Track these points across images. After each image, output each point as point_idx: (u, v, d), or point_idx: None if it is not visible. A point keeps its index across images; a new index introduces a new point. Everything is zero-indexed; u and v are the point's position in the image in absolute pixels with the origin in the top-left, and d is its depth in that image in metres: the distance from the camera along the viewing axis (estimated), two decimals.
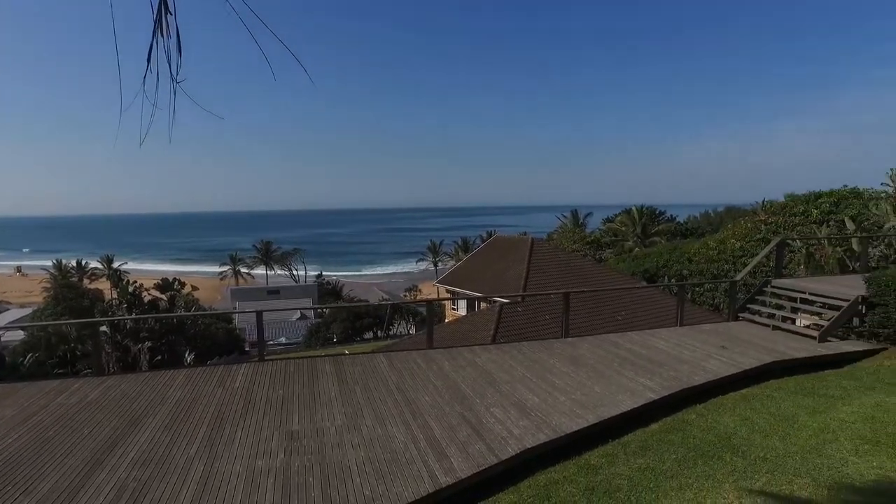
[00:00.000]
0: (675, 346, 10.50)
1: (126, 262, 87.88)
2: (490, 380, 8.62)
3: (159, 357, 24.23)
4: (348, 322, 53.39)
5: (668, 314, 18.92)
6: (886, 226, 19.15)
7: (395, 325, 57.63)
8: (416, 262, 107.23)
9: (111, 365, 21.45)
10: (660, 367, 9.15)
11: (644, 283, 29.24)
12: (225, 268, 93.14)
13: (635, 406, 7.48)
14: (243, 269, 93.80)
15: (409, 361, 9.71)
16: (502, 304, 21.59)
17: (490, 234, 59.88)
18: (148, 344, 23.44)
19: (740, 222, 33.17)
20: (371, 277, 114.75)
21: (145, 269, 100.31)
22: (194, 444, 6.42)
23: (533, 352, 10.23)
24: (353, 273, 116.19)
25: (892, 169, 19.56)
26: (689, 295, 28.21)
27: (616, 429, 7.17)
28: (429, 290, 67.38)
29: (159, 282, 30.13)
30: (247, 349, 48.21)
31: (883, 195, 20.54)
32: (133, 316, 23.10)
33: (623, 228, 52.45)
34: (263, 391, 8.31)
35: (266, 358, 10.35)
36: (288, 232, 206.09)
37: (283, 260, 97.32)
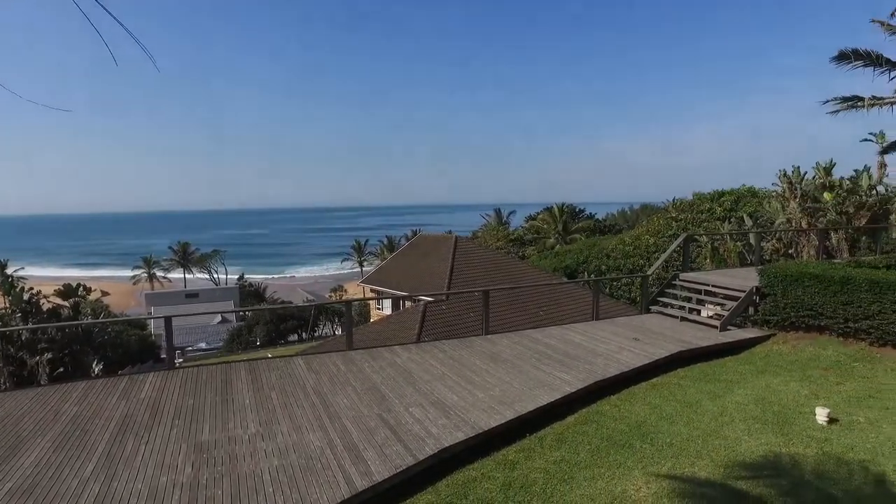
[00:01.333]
0: (591, 339, 10.87)
1: (23, 268, 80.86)
2: (410, 379, 8.58)
3: (61, 369, 22.47)
4: (272, 325, 51.75)
5: (587, 308, 19.58)
6: (777, 222, 20.74)
7: (321, 326, 56.51)
8: (342, 261, 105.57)
9: (2, 381, 19.69)
10: (576, 360, 9.43)
11: (564, 279, 30.19)
12: (138, 271, 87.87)
13: (552, 400, 7.65)
14: (159, 273, 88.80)
15: (328, 364, 9.51)
16: (426, 303, 21.62)
17: (415, 233, 59.87)
18: (48, 356, 21.66)
19: (653, 219, 34.95)
20: (296, 279, 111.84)
21: (47, 276, 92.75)
22: (90, 464, 5.96)
23: (453, 350, 10.28)
24: (277, 274, 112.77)
25: (780, 170, 21.14)
26: (607, 289, 29.38)
27: (534, 423, 7.31)
28: (354, 290, 66.48)
29: (61, 288, 28.00)
30: (163, 356, 45.72)
31: (773, 194, 22.17)
32: (28, 326, 21.32)
33: (545, 226, 53.88)
34: (172, 401, 7.88)
35: (178, 365, 9.84)
36: (207, 233, 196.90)
37: (203, 262, 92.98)
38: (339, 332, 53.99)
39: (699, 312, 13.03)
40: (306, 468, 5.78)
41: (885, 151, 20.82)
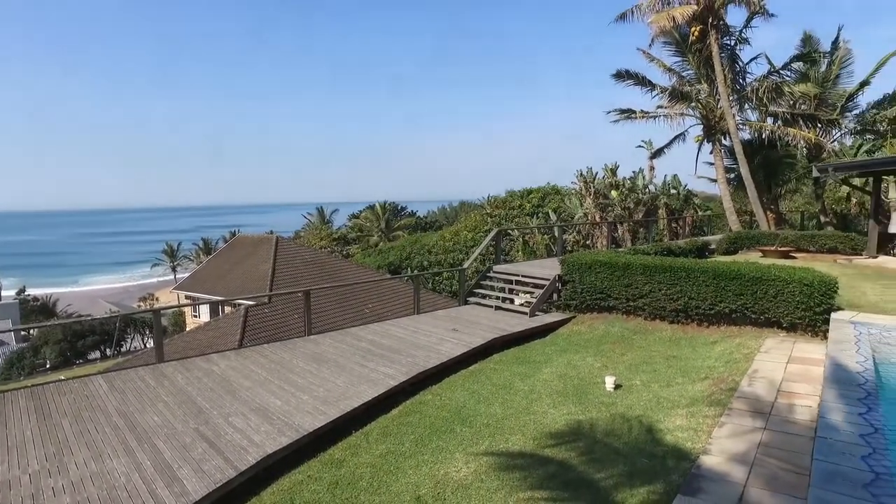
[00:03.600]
0: (413, 332, 11.25)
1: None
2: (229, 388, 8.14)
3: None
4: (66, 342, 45.11)
5: (412, 303, 20.15)
6: (576, 216, 23.35)
7: (128, 339, 50.71)
8: (151, 267, 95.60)
9: None
10: (399, 354, 9.71)
11: (388, 276, 30.74)
12: None
13: (377, 395, 7.81)
14: None
15: (134, 380, 8.63)
16: (248, 307, 20.62)
17: (233, 234, 56.46)
18: None
19: (471, 215, 37.18)
20: (96, 290, 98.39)
21: None
22: None
23: (276, 353, 9.97)
24: (69, 287, 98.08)
25: (577, 170, 23.84)
26: (429, 284, 30.52)
27: (359, 419, 7.41)
28: (167, 298, 60.72)
29: None
30: None
31: (573, 192, 24.92)
32: None
33: (368, 224, 54.44)
34: None
35: None
36: None
37: None
38: (150, 344, 48.95)
39: (512, 301, 14.17)
40: (108, 499, 5.22)
41: (653, 156, 24.67)
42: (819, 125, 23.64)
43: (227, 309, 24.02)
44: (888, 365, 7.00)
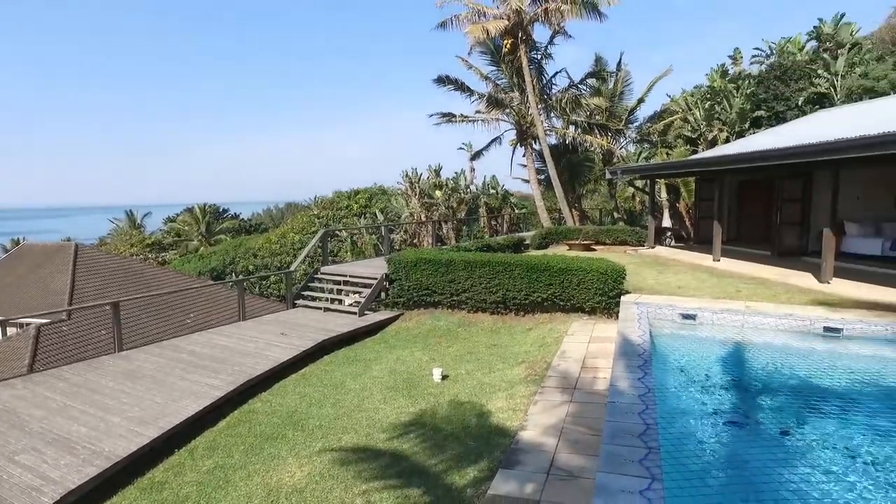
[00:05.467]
0: (239, 340, 10.73)
1: None
2: (15, 422, 7.04)
3: None
4: None
5: (237, 310, 19.09)
6: (403, 216, 24.01)
7: None
8: None
9: None
10: (223, 363, 9.20)
11: (210, 282, 28.78)
12: None
13: (201, 408, 7.35)
14: None
15: None
16: (40, 325, 17.91)
17: (17, 243, 48.38)
18: None
19: (298, 217, 36.25)
20: None
21: None
22: None
23: (78, 375, 8.84)
24: None
25: (403, 171, 24.54)
26: (256, 289, 29.18)
27: (182, 436, 6.95)
28: None
29: None
30: None
31: (399, 192, 25.58)
32: None
33: (187, 228, 50.39)
34: None
35: None
36: None
37: None
38: None
39: (341, 301, 14.15)
40: None
41: (473, 158, 26.30)
42: (610, 133, 27.14)
43: (11, 330, 20.59)
44: (659, 336, 8.39)
